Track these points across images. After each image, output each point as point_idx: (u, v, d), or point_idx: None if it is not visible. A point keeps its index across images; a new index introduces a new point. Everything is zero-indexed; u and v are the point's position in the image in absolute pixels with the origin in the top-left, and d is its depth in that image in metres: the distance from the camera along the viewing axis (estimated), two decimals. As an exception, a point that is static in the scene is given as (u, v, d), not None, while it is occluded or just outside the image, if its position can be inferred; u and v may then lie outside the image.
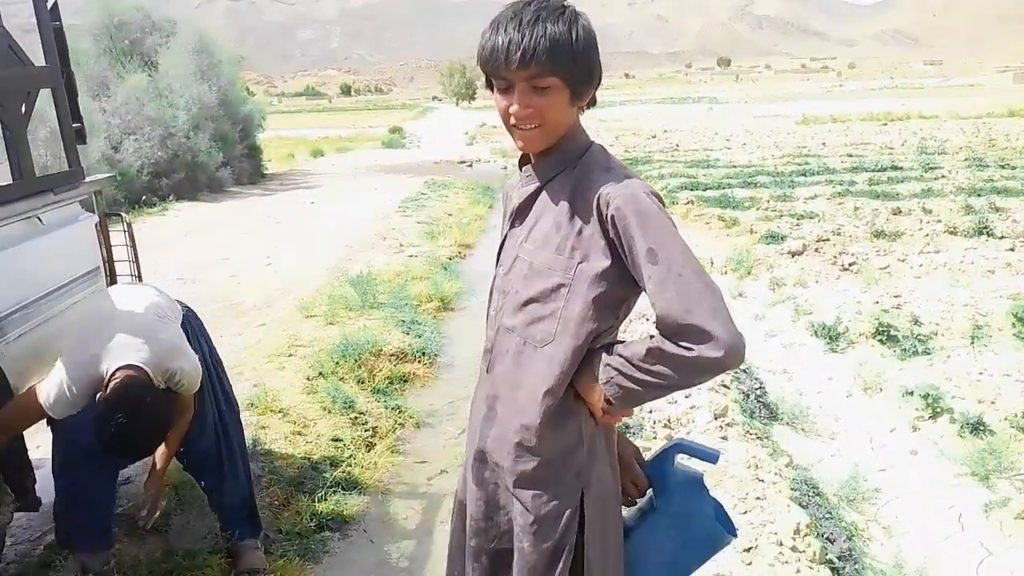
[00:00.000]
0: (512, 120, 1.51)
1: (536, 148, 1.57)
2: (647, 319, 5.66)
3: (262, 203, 14.49)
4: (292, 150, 26.44)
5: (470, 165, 20.64)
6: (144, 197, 13.85)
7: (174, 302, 2.97)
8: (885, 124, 26.92)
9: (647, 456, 1.79)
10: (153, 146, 14.94)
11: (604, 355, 1.52)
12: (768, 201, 10.95)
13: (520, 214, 1.66)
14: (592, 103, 1.59)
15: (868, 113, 31.37)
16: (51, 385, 2.45)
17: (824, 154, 17.58)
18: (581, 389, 1.57)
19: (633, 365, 1.46)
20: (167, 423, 2.50)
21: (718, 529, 1.70)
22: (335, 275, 7.69)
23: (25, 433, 2.90)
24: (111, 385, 2.38)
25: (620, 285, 1.51)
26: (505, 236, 1.71)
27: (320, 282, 7.52)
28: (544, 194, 1.60)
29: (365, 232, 10.39)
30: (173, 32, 17.82)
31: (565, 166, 1.57)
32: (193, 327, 2.99)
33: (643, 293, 1.49)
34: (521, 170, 1.68)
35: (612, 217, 1.45)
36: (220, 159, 16.58)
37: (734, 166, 15.90)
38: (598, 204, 1.47)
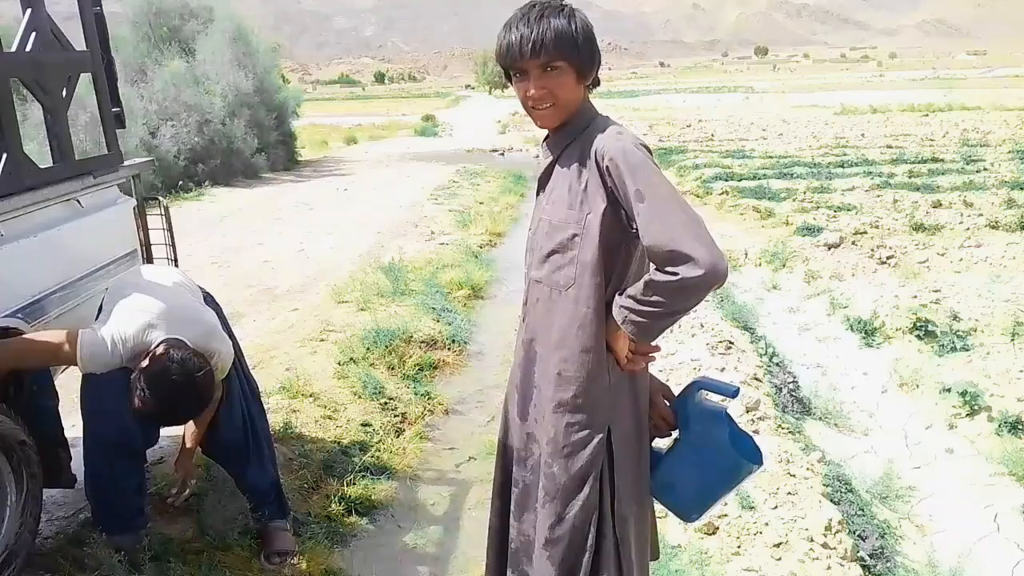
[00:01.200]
0: (530, 102, 1.79)
1: (552, 124, 1.84)
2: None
3: (296, 190, 14.61)
4: (326, 137, 26.60)
5: (502, 154, 20.59)
6: (180, 182, 14.04)
7: (196, 287, 3.02)
8: (926, 115, 26.31)
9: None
10: (190, 132, 15.12)
11: (618, 298, 1.75)
12: (805, 192, 10.78)
13: (542, 183, 1.94)
14: (596, 83, 1.86)
15: (909, 104, 30.66)
16: (93, 340, 2.49)
17: (863, 145, 17.25)
18: (608, 338, 1.80)
19: (637, 300, 1.68)
20: (211, 396, 2.58)
21: (735, 457, 1.85)
22: (367, 262, 7.73)
23: (61, 411, 2.96)
24: (165, 351, 2.45)
25: (619, 226, 1.74)
26: (536, 206, 1.98)
27: (352, 268, 7.57)
28: (559, 163, 1.86)
29: (397, 219, 10.43)
30: (211, 19, 17.99)
31: (574, 137, 1.83)
32: (216, 313, 3.03)
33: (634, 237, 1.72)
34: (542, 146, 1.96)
35: (607, 168, 1.69)
36: (255, 146, 16.74)
37: (770, 157, 15.67)
38: (595, 158, 1.73)
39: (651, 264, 1.67)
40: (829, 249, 7.75)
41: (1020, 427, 3.93)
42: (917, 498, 3.60)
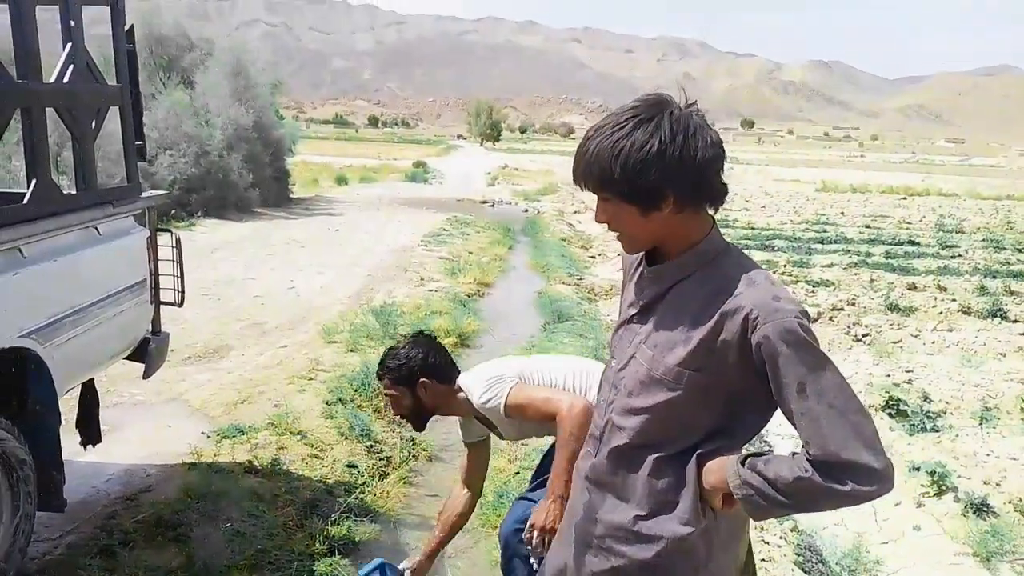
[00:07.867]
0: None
1: (631, 251, 1.61)
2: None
3: (287, 226, 14.72)
4: (317, 176, 26.80)
5: (492, 205, 20.88)
6: (173, 211, 14.10)
7: None
8: (904, 198, 27.10)
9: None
10: (187, 162, 15.26)
11: (741, 468, 1.46)
12: (784, 266, 11.06)
13: (644, 312, 1.61)
14: (704, 205, 1.51)
15: (888, 186, 31.59)
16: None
17: (842, 223, 17.73)
18: (707, 487, 1.54)
19: (776, 489, 1.42)
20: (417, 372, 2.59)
21: None
22: (357, 303, 7.83)
23: (62, 432, 3.01)
24: None
25: (752, 400, 1.50)
26: (622, 325, 1.68)
27: (342, 309, 7.65)
28: (671, 297, 1.56)
29: (387, 263, 10.56)
30: (210, 52, 18.27)
31: (691, 271, 1.53)
32: None
33: (766, 412, 1.52)
34: (648, 265, 1.62)
35: (759, 345, 1.41)
36: (250, 180, 16.87)
37: (752, 227, 16.06)
38: (744, 323, 1.42)
39: (806, 460, 1.39)
40: (807, 323, 7.95)
41: (985, 509, 4.07)
42: (884, 573, 3.69)
